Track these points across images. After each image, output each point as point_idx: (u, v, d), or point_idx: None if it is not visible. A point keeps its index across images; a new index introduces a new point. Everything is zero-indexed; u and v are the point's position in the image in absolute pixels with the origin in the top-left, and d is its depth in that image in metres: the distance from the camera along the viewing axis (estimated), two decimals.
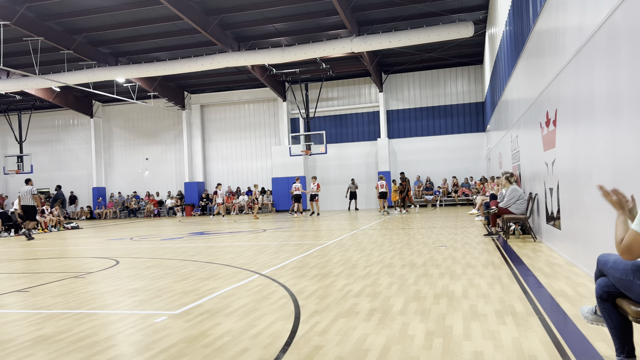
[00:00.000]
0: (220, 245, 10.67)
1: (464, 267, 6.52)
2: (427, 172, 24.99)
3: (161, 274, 7.08)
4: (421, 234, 11.09)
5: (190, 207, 27.13)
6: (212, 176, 28.33)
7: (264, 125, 27.48)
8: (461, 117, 24.87)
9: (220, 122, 28.13)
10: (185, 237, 13.34)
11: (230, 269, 7.25)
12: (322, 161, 26.26)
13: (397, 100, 25.70)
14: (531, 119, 8.93)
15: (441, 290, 5.17)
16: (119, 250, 10.55)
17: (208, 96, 27.97)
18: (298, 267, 7.08)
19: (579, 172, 5.76)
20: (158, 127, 28.84)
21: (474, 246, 8.62)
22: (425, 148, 25.05)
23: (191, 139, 28.03)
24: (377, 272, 6.38)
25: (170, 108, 27.91)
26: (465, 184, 24.03)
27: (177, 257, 8.88)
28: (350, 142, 26.12)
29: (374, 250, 8.60)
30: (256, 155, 27.62)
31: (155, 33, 19.73)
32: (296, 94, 26.22)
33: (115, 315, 4.76)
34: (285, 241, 11.01)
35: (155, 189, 28.67)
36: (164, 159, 28.79)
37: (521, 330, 3.72)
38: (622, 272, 2.67)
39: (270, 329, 4.03)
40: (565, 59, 6.17)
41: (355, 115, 26.19)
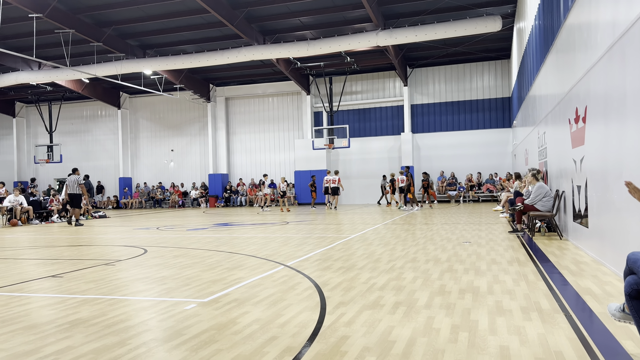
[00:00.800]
0: (245, 237, 10.83)
1: (488, 263, 6.51)
2: (451, 168, 24.80)
3: (188, 263, 7.26)
4: (445, 230, 11.07)
5: (214, 198, 27.49)
6: (235, 168, 28.63)
7: (288, 118, 27.61)
8: (487, 112, 24.57)
9: (244, 114, 28.37)
10: (210, 227, 13.56)
11: (255, 259, 7.38)
12: (345, 155, 26.29)
13: (422, 94, 25.52)
14: (560, 115, 8.81)
15: (466, 285, 5.20)
16: (146, 239, 10.80)
17: (233, 89, 28.21)
18: (322, 260, 7.17)
19: (609, 170, 5.70)
20: (183, 119, 29.23)
21: (499, 243, 8.58)
22: (449, 143, 24.85)
23: (216, 131, 28.35)
24: (401, 267, 6.42)
25: (195, 100, 28.26)
26: (490, 180, 23.79)
27: (203, 247, 9.06)
28: (373, 136, 26.07)
29: (398, 245, 8.64)
30: (279, 148, 27.80)
31: (183, 26, 19.99)
32: (320, 87, 26.27)
33: (147, 302, 4.93)
34: (309, 234, 11.11)
35: (180, 180, 29.12)
36: (188, 151, 29.20)
37: (547, 327, 3.74)
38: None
39: (297, 319, 4.13)
40: (596, 55, 6.08)
41: (379, 109, 26.12)
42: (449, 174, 24.73)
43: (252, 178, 27.84)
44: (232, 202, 27.26)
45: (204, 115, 28.75)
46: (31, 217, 17.23)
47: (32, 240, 11.35)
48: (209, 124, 28.12)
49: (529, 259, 6.81)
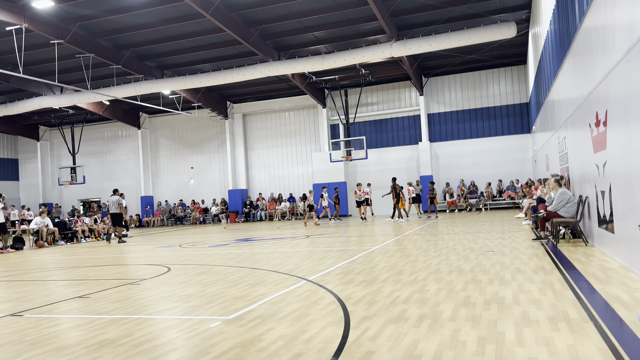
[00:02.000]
0: (266, 252, 10.87)
1: (513, 272, 6.43)
2: (470, 176, 24.58)
3: (212, 280, 7.31)
4: (467, 239, 10.96)
5: (235, 214, 27.66)
6: (254, 183, 28.81)
7: (305, 132, 27.75)
8: (505, 118, 24.36)
9: (262, 130, 28.61)
10: (231, 243, 13.65)
11: (277, 275, 7.41)
12: (363, 166, 26.27)
13: (439, 103, 25.43)
14: (579, 119, 8.71)
15: (491, 296, 5.14)
16: (169, 257, 10.91)
17: (250, 105, 28.51)
18: (344, 273, 7.15)
19: (633, 174, 5.60)
20: (202, 136, 29.60)
21: (523, 251, 8.46)
22: (468, 151, 24.66)
23: (234, 147, 28.62)
24: (424, 278, 6.38)
25: (213, 118, 28.62)
26: (511, 187, 23.49)
27: (225, 264, 9.12)
28: (390, 147, 26.02)
29: (420, 256, 8.58)
30: (297, 161, 27.92)
31: (199, 45, 20.36)
32: (336, 100, 26.38)
33: (172, 320, 4.98)
34: (329, 247, 11.10)
35: (201, 197, 29.40)
36: (208, 168, 29.50)
37: (576, 337, 3.67)
38: None
39: (322, 334, 4.13)
40: (615, 58, 6.02)
41: (395, 119, 26.09)
42: (468, 182, 24.50)
43: (271, 192, 27.97)
44: (252, 217, 27.41)
45: (222, 132, 29.07)
46: (57, 238, 17.58)
47: (59, 262, 11.57)
48: (227, 141, 28.42)
49: (554, 266, 6.70)
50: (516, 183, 23.49)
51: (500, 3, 17.58)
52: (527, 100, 23.75)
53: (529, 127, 23.62)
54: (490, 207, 23.80)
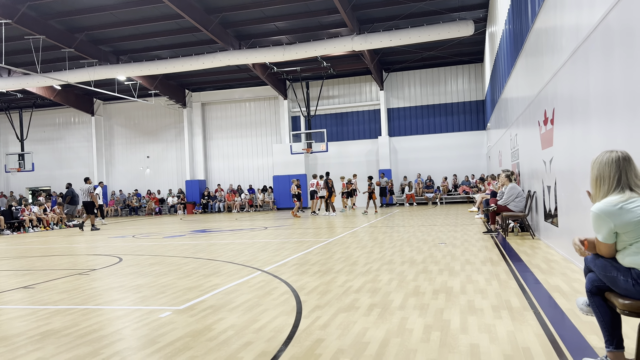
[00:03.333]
0: (222, 243, 10.80)
1: (462, 263, 6.63)
2: (427, 170, 25.10)
3: (164, 270, 7.21)
4: (421, 232, 11.21)
5: (192, 205, 27.26)
6: (213, 174, 28.46)
7: (265, 123, 27.59)
8: (462, 115, 24.96)
9: (221, 120, 28.24)
10: (187, 234, 13.48)
11: (232, 265, 7.38)
12: (323, 159, 26.37)
13: (398, 98, 25.80)
14: (530, 117, 9.04)
15: (440, 286, 5.29)
16: (121, 248, 10.68)
17: (209, 94, 28.07)
18: (300, 264, 7.20)
19: (576, 170, 5.88)
20: (159, 125, 28.95)
21: (473, 243, 8.73)
22: (426, 146, 25.16)
23: (192, 137, 28.14)
24: (377, 269, 6.50)
25: (171, 106, 28.02)
26: (466, 182, 24.14)
27: (179, 255, 9.00)
28: (351, 140, 26.22)
29: (375, 248, 8.72)
30: (257, 153, 27.75)
31: (157, 31, 19.84)
32: (297, 92, 26.33)
33: (121, 311, 4.89)
34: (287, 239, 11.13)
35: (157, 187, 28.80)
36: (165, 157, 28.91)
37: (516, 324, 3.84)
38: (603, 268, 2.80)
39: (273, 324, 4.16)
40: (562, 59, 6.27)
41: (356, 113, 26.30)
42: (425, 177, 25.01)
43: (230, 184, 27.69)
44: (210, 208, 27.09)
45: (180, 121, 28.52)
46: (2, 227, 16.84)
47: (3, 251, 11.11)
48: (185, 130, 27.91)
49: (501, 258, 6.96)
50: (471, 178, 24.16)
51: (459, 1, 17.95)
52: (483, 98, 24.42)
53: (484, 124, 24.31)
54: (445, 201, 24.40)
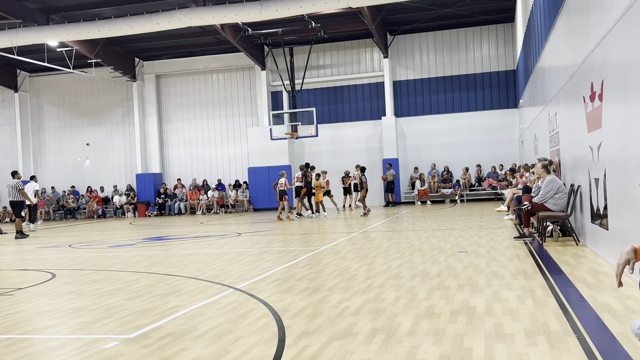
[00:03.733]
0: (184, 253, 10.77)
1: (488, 277, 6.69)
2: (444, 160, 25.22)
3: (110, 289, 7.19)
4: (436, 237, 11.27)
5: (145, 205, 27.18)
6: (171, 166, 28.37)
7: (238, 100, 27.53)
8: (487, 89, 25.08)
9: (181, 96, 28.12)
10: (138, 243, 13.44)
11: (196, 282, 7.37)
12: (312, 146, 26.40)
13: (407, 68, 25.83)
14: (573, 92, 9.10)
15: (459, 305, 5.33)
16: (54, 261, 10.62)
17: (166, 64, 27.92)
18: (282, 280, 7.21)
19: (630, 158, 5.93)
20: (102, 103, 28.77)
21: (502, 252, 8.80)
22: (442, 129, 25.26)
23: (144, 118, 28.02)
24: (380, 285, 6.53)
25: (117, 79, 27.85)
26: (493, 174, 24.30)
27: (129, 269, 8.98)
28: (347, 122, 26.26)
29: (378, 258, 8.76)
30: (228, 139, 27.70)
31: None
32: (279, 60, 26.27)
33: (54, 341, 4.87)
34: (266, 247, 11.12)
35: (99, 183, 28.66)
36: (109, 145, 28.77)
37: (555, 353, 3.88)
38: None
39: (248, 355, 4.17)
40: (613, 17, 6.31)
41: (353, 87, 26.31)
42: (442, 168, 25.12)
43: (193, 178, 27.63)
44: (168, 209, 27.01)
45: (128, 98, 28.36)
46: None
47: None
48: (135, 110, 27.77)
49: (537, 270, 7.02)
50: (499, 169, 24.31)
51: None
52: (514, 68, 24.55)
53: (515, 100, 24.45)
54: (467, 198, 24.54)
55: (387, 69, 25.52)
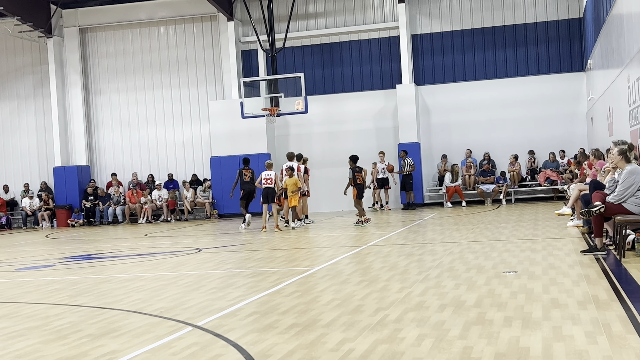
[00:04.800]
0: (123, 278, 10.72)
1: (546, 307, 6.69)
2: (484, 145, 25.19)
3: (19, 328, 7.15)
4: (474, 252, 11.27)
5: (66, 211, 27.04)
6: (103, 156, 28.26)
7: (195, 63, 27.43)
8: (543, 45, 25.06)
9: (116, 58, 28.01)
10: (58, 264, 13.36)
11: (141, 318, 7.35)
12: (300, 127, 26.34)
13: (431, 17, 25.81)
14: None
15: (506, 347, 5.35)
16: None
17: (93, 12, 27.79)
18: (261, 313, 7.20)
19: None
20: (4, 68, 28.67)
21: (565, 271, 8.80)
22: (480, 102, 25.25)
23: (64, 89, 27.89)
24: (397, 319, 6.53)
25: (26, 35, 27.68)
26: (551, 164, 24.30)
27: (46, 300, 8.93)
28: (348, 93, 26.23)
29: (393, 281, 8.75)
30: (182, 117, 27.61)
31: None
32: (252, 7, 26.15)
33: None
34: (237, 269, 11.07)
35: (2, 181, 28.53)
36: (15, 127, 28.66)
37: None
38: None
39: None
40: None
41: (357, 44, 26.26)
42: (480, 156, 25.11)
43: (134, 173, 27.52)
44: (100, 216, 26.89)
45: (41, 62, 28.21)
46: None
47: None
48: (51, 77, 27.59)
49: (614, 297, 7.04)
50: (559, 157, 24.31)
51: None
52: (580, 16, 24.56)
53: (581, 60, 24.47)
54: (516, 197, 24.55)
55: (404, 18, 25.44)
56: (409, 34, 25.65)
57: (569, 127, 24.74)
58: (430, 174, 25.81)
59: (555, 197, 23.78)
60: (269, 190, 18.35)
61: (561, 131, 24.76)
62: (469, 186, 24.79)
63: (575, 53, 24.86)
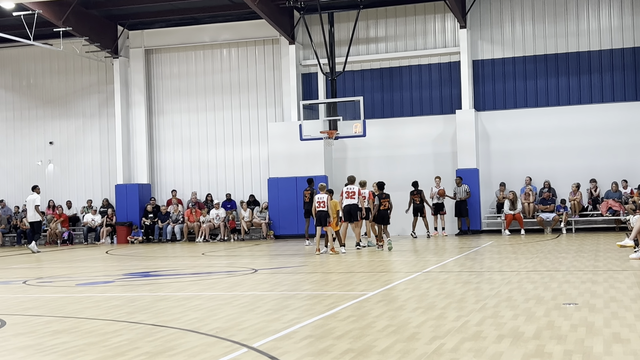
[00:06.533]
0: (180, 296, 10.82)
1: (607, 341, 6.56)
2: (544, 173, 24.89)
3: (78, 344, 7.24)
4: (533, 282, 11.11)
5: (126, 228, 27.37)
6: (164, 175, 28.60)
7: (256, 85, 27.69)
8: (608, 73, 24.72)
9: (179, 79, 28.41)
10: (117, 280, 13.55)
11: (197, 337, 7.39)
12: (358, 150, 26.36)
13: (493, 42, 25.66)
14: None
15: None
16: (3, 303, 10.75)
17: (159, 34, 28.26)
18: (315, 337, 7.19)
19: None
20: (71, 88, 29.23)
21: (627, 305, 8.62)
22: (541, 129, 24.95)
23: (128, 108, 28.36)
24: (453, 348, 6.46)
25: (93, 55, 28.24)
26: (614, 194, 23.89)
27: (104, 316, 9.04)
28: (407, 117, 26.19)
29: (449, 310, 8.67)
30: (241, 138, 27.83)
31: None
32: (313, 31, 26.30)
33: None
34: (293, 290, 11.09)
35: (66, 197, 29.04)
36: (80, 144, 29.18)
37: None
38: None
39: None
40: None
41: (417, 68, 26.25)
42: (540, 184, 24.80)
43: (193, 192, 27.79)
44: (159, 234, 27.17)
45: (107, 82, 28.74)
46: None
47: None
48: (116, 97, 28.09)
49: None
50: (622, 187, 23.89)
51: None
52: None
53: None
54: (577, 226, 24.14)
55: (465, 44, 25.35)
56: (470, 60, 25.53)
57: (632, 157, 24.30)
58: (489, 200, 25.56)
59: (617, 228, 23.33)
60: (321, 213, 18.25)
61: (624, 161, 24.35)
62: (528, 214, 24.49)
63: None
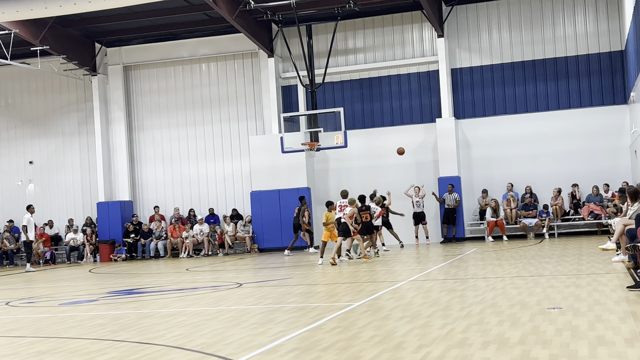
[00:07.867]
0: (164, 313, 10.76)
1: (592, 344, 6.58)
2: (525, 179, 24.96)
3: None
4: (517, 288, 11.14)
5: (109, 246, 27.25)
6: (145, 191, 28.51)
7: (236, 99, 27.67)
8: (584, 79, 24.88)
9: (158, 95, 28.39)
10: (101, 299, 13.46)
11: (182, 354, 7.36)
12: (339, 161, 26.37)
13: (470, 51, 25.79)
14: None
15: None
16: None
17: (137, 50, 28.24)
18: (302, 349, 7.17)
19: None
20: (50, 106, 29.15)
21: (611, 308, 8.66)
22: (521, 135, 25.06)
23: (108, 125, 28.29)
24: (439, 356, 6.46)
25: (71, 73, 28.15)
26: (595, 198, 24.01)
27: (88, 335, 8.99)
28: (388, 127, 26.22)
29: (434, 318, 8.67)
30: (223, 153, 27.80)
31: None
32: (292, 43, 26.36)
33: None
34: (278, 303, 11.06)
35: (47, 216, 28.87)
36: (60, 163, 29.06)
37: None
38: None
39: None
40: None
41: (396, 78, 26.31)
42: (522, 190, 24.89)
43: (176, 208, 27.73)
44: (142, 251, 27.06)
45: (86, 99, 28.66)
46: None
47: None
48: (95, 114, 28.01)
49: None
50: (604, 191, 24.00)
51: None
52: (622, 48, 24.34)
53: (624, 93, 24.21)
54: (559, 231, 24.25)
55: (443, 53, 25.45)
56: (449, 68, 25.64)
57: (612, 161, 24.44)
58: (471, 208, 25.62)
59: (599, 232, 23.44)
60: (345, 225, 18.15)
61: (604, 164, 24.46)
62: (511, 220, 24.57)
63: (618, 86, 24.62)
